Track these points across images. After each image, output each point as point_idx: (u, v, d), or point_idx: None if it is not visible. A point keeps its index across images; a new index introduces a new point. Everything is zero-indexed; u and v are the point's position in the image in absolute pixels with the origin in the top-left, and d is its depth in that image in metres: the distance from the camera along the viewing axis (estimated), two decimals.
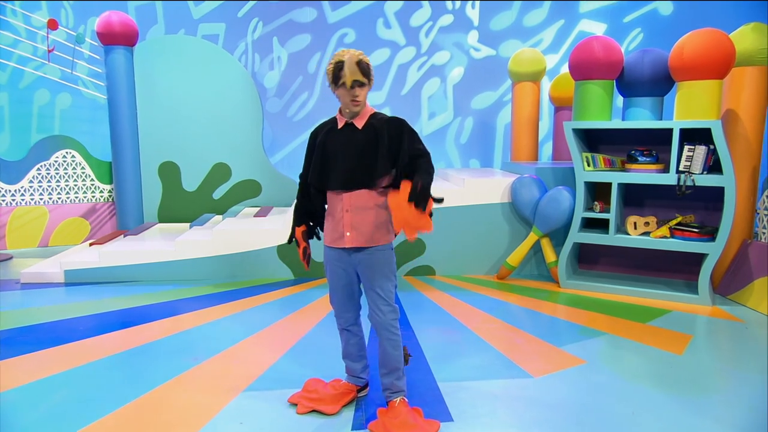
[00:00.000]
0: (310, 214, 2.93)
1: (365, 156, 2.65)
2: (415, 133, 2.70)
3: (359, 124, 2.69)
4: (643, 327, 4.24)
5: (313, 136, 2.85)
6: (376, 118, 2.71)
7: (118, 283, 5.42)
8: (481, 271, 5.80)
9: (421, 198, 2.39)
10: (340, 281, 2.86)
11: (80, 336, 4.01)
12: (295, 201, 2.96)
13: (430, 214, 2.43)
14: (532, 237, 5.47)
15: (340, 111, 2.74)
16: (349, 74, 2.57)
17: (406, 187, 2.40)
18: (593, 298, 4.99)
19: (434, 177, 2.73)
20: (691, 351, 3.77)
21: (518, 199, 5.52)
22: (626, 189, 5.31)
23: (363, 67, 2.60)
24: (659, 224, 5.05)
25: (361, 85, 2.61)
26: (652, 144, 5.14)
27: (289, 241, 2.96)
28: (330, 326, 4.02)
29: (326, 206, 2.86)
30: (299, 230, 2.91)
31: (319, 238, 2.98)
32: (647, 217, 5.07)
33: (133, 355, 3.68)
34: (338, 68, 2.59)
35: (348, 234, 2.72)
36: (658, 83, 4.99)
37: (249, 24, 7.92)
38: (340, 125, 2.73)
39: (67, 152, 7.01)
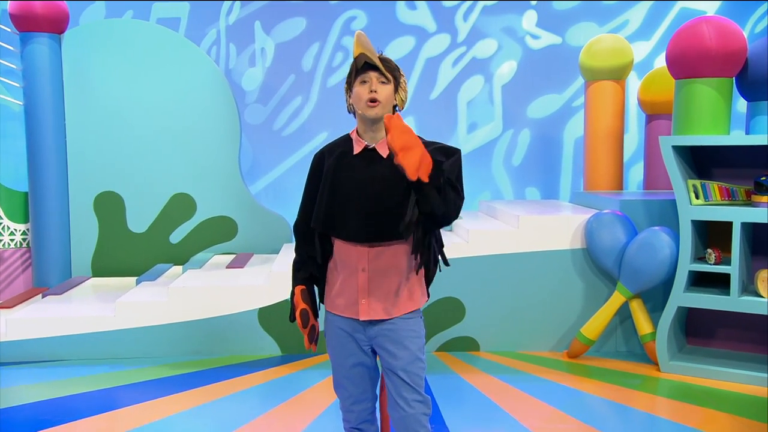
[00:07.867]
0: (316, 269, 2.84)
1: (392, 196, 2.60)
2: (461, 171, 2.70)
3: (384, 151, 2.67)
4: None
5: (317, 162, 2.83)
6: None
7: (33, 364, 5.38)
8: (544, 347, 5.77)
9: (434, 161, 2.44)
10: (349, 359, 2.81)
11: None
12: (294, 255, 2.89)
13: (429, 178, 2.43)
14: (618, 298, 5.42)
15: (358, 131, 2.75)
16: (360, 48, 2.57)
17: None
18: (708, 387, 4.93)
19: (457, 218, 2.74)
20: None
21: (596, 245, 5.50)
22: (754, 231, 5.26)
23: (386, 60, 2.67)
24: None
25: (385, 81, 2.63)
26: None
27: (292, 317, 2.81)
28: (335, 423, 3.95)
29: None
30: (300, 290, 2.80)
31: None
32: None
33: None
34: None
35: (363, 302, 2.70)
36: None
37: (222, 4, 8.04)
38: (356, 150, 2.72)
39: None
